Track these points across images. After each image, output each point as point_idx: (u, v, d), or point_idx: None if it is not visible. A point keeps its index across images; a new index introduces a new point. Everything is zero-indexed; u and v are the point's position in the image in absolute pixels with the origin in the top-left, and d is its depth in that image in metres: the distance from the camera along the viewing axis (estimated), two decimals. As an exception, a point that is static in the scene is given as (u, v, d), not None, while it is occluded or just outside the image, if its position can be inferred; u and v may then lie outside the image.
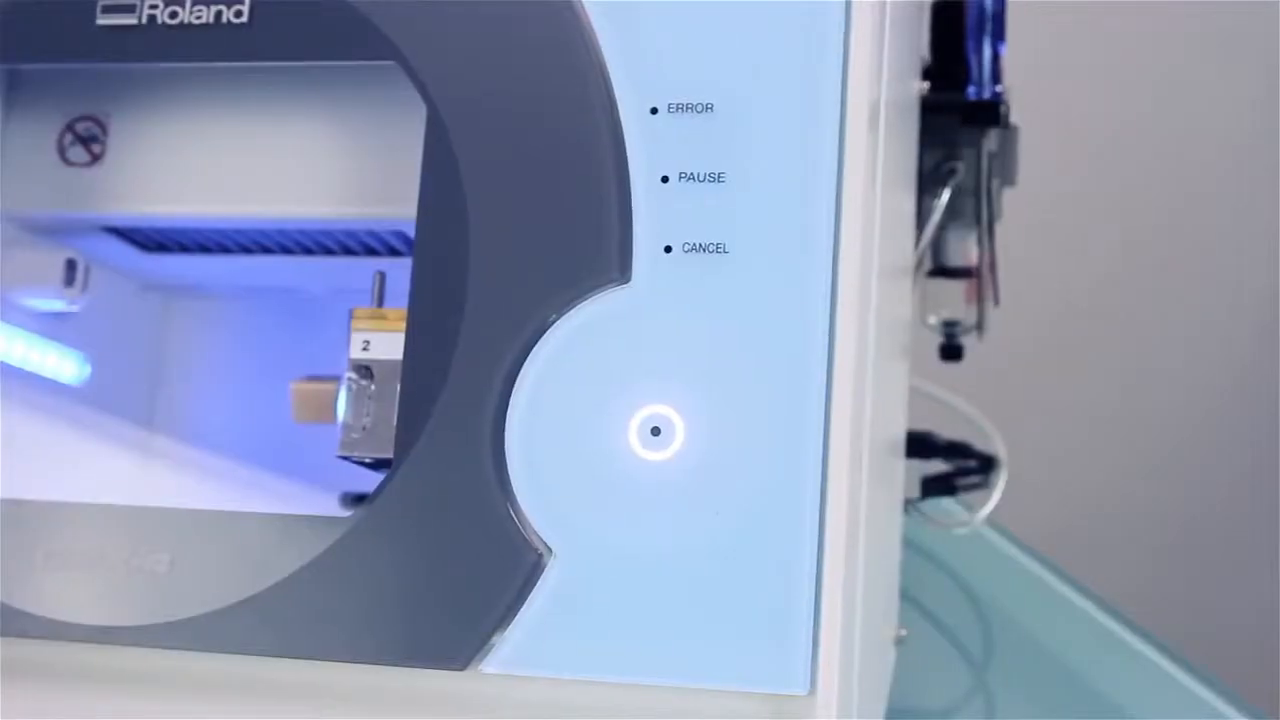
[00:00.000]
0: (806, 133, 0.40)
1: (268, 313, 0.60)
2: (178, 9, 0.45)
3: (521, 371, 0.41)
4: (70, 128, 0.51)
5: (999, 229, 0.61)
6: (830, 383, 0.39)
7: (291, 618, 0.41)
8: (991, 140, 0.60)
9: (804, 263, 0.40)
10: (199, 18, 0.45)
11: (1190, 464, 0.99)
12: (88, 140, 0.51)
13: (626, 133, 0.41)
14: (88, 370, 0.56)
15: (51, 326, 0.54)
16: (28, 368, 0.53)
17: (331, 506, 0.54)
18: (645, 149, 0.41)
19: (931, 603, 0.68)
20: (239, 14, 0.45)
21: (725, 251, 0.40)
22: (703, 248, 0.40)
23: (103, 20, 0.46)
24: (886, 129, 0.45)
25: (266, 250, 0.54)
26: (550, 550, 0.40)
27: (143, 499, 0.45)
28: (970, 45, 0.58)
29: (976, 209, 0.60)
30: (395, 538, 0.41)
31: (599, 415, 0.40)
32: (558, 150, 0.42)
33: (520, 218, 0.41)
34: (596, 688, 0.39)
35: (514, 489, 0.40)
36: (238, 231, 0.53)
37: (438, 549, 0.40)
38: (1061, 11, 0.92)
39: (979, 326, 0.62)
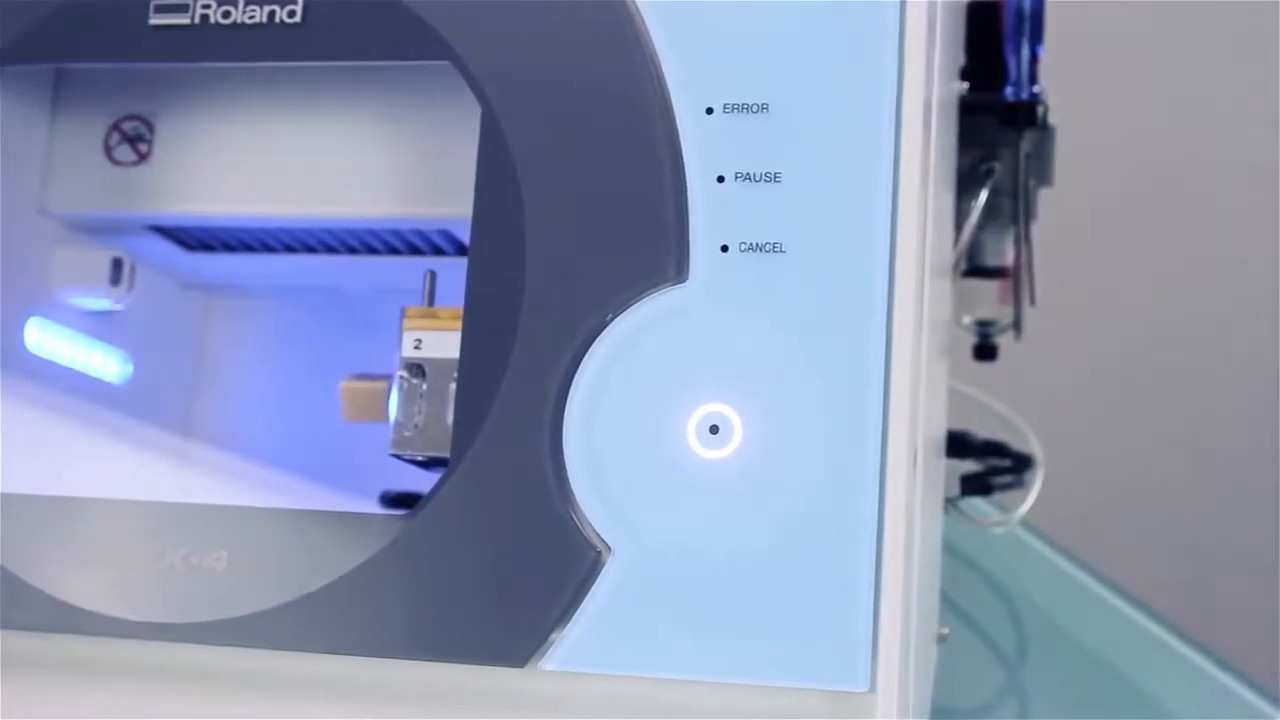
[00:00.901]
0: (863, 132, 0.41)
1: (306, 312, 0.60)
2: (230, 9, 0.45)
3: (579, 370, 0.41)
4: (117, 127, 0.51)
5: (1034, 229, 0.62)
6: (888, 381, 0.39)
7: (351, 615, 0.41)
8: (1028, 141, 0.60)
9: (861, 262, 0.40)
10: (252, 17, 0.45)
11: (1227, 464, 0.99)
12: (134, 139, 0.51)
13: (681, 133, 0.42)
14: (130, 369, 0.56)
15: (94, 325, 0.54)
16: (74, 366, 0.53)
17: (371, 505, 0.54)
18: (700, 149, 0.41)
19: (964, 601, 0.69)
20: (292, 14, 0.45)
21: (782, 251, 0.40)
22: (759, 247, 0.41)
23: (155, 20, 0.46)
24: (934, 129, 0.46)
25: (310, 249, 0.54)
26: (609, 548, 0.40)
27: (187, 497, 0.45)
28: (1009, 46, 0.59)
29: (1014, 209, 0.60)
30: (454, 535, 0.41)
31: (657, 413, 0.40)
32: (613, 150, 0.42)
33: (576, 217, 0.42)
34: (656, 685, 0.40)
35: (572, 487, 0.40)
36: (283, 230, 0.53)
37: (496, 547, 0.40)
38: (1099, 11, 0.92)
39: (1016, 326, 0.62)
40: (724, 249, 0.41)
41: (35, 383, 0.51)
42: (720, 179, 0.41)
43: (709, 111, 0.42)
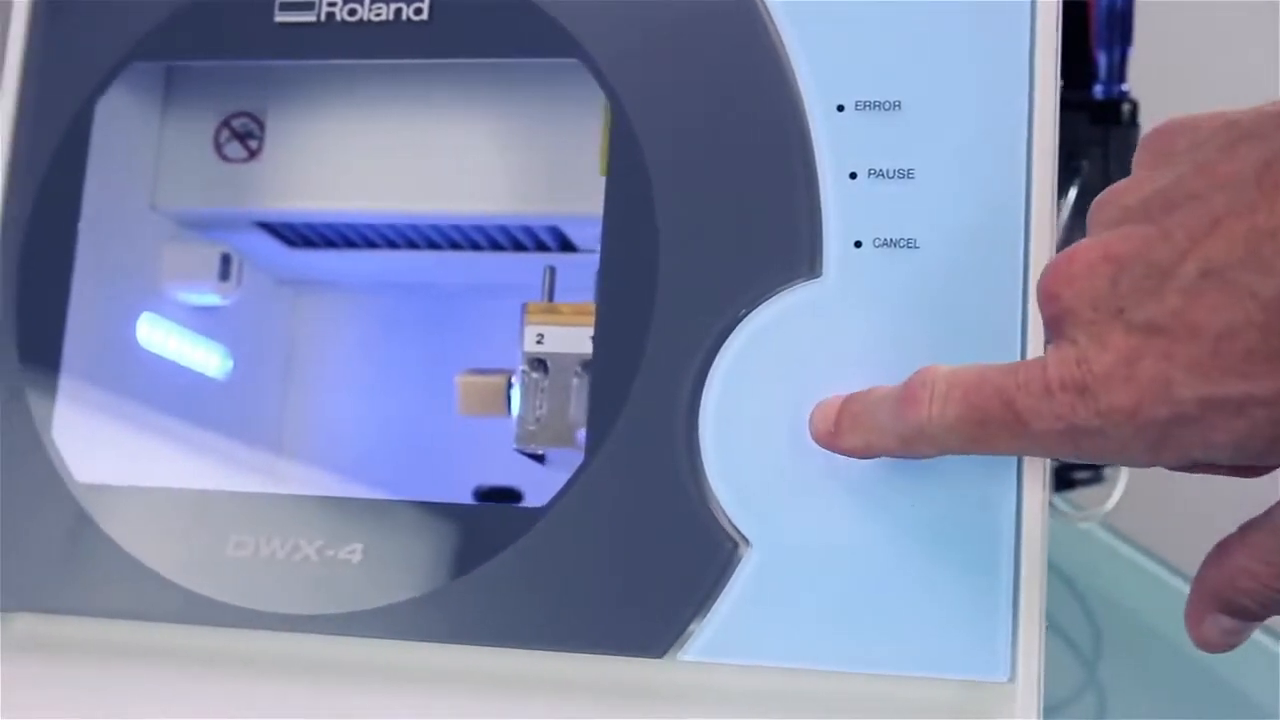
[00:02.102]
0: (996, 129, 0.41)
1: (395, 307, 0.60)
2: (357, 6, 0.46)
3: (713, 365, 0.41)
4: (227, 124, 0.52)
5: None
6: (1024, 375, 0.40)
7: (488, 606, 0.41)
8: (1114, 138, 0.60)
9: (997, 257, 0.40)
10: (378, 15, 0.45)
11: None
12: (244, 136, 0.52)
13: (813, 130, 0.42)
14: (230, 364, 0.56)
15: (195, 320, 0.55)
16: (180, 361, 0.53)
17: (464, 500, 0.55)
18: (832, 146, 0.42)
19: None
20: (419, 11, 0.45)
21: (916, 246, 0.41)
22: (893, 243, 0.41)
23: (281, 17, 0.46)
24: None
25: (413, 245, 0.55)
26: (746, 541, 0.40)
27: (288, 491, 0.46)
28: (1098, 45, 0.59)
29: (1101, 206, 0.60)
30: (590, 528, 0.41)
31: (793, 407, 0.41)
32: (744, 147, 0.42)
33: (708, 214, 0.42)
34: (794, 676, 0.40)
35: (709, 480, 0.41)
36: (389, 227, 0.53)
37: (633, 540, 0.41)
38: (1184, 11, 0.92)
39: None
40: (857, 245, 0.41)
41: (146, 377, 0.51)
42: (853, 175, 0.42)
43: (840, 109, 0.42)
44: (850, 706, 0.40)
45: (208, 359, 0.55)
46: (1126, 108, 0.61)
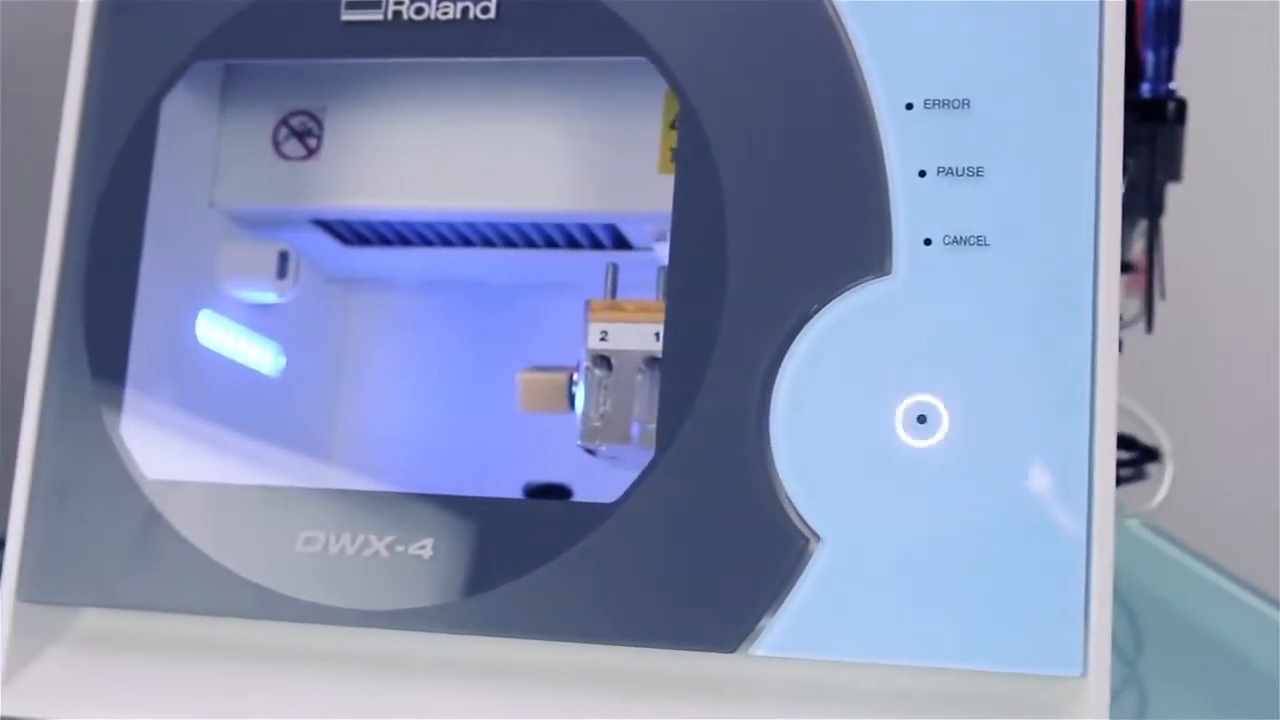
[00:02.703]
0: (1065, 127, 0.41)
1: (444, 304, 0.60)
2: (424, 5, 0.46)
3: (783, 361, 0.42)
4: (285, 122, 0.52)
5: (1162, 224, 0.62)
6: (1094, 371, 0.40)
7: (559, 600, 0.41)
8: (1160, 136, 0.61)
9: (1066, 255, 0.41)
10: (445, 14, 0.46)
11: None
12: (303, 134, 0.52)
13: (880, 128, 0.42)
14: (283, 361, 0.57)
15: (248, 317, 0.55)
16: (236, 358, 0.54)
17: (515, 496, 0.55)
18: (901, 144, 0.42)
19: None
20: (485, 10, 0.45)
21: (987, 244, 0.41)
22: (963, 240, 0.41)
23: (347, 16, 0.46)
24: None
25: (467, 243, 0.55)
26: (817, 536, 0.41)
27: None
28: (1146, 44, 0.59)
29: (1147, 204, 0.61)
30: (660, 523, 0.41)
31: (864, 403, 0.41)
32: (812, 145, 0.43)
33: (777, 212, 0.42)
34: (864, 670, 0.40)
35: (779, 476, 0.41)
36: (446, 224, 0.54)
37: (704, 535, 0.41)
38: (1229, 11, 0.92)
39: (1148, 320, 0.63)
40: (927, 242, 0.42)
41: (206, 374, 0.51)
42: (921, 173, 0.42)
43: (908, 107, 0.42)
44: (921, 701, 0.40)
45: (262, 356, 0.55)
46: (1173, 106, 0.61)
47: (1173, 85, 0.61)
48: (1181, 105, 0.61)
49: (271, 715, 0.43)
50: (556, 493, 0.56)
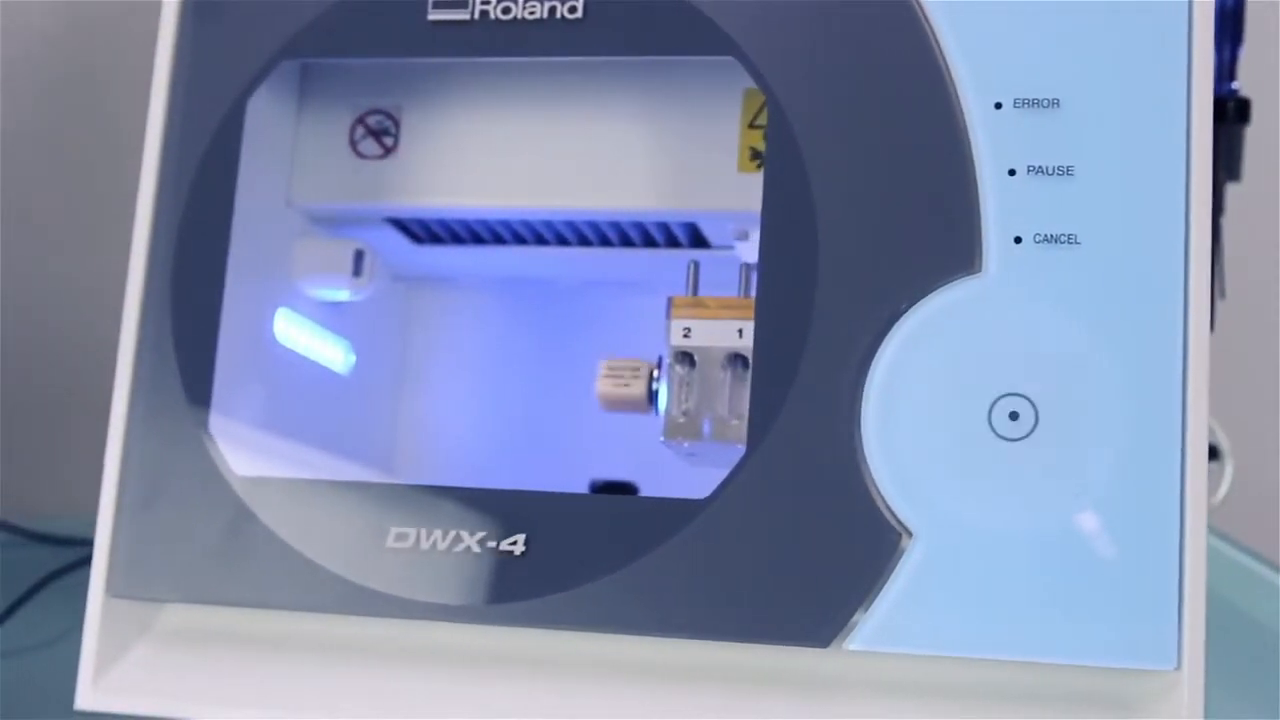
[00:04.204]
0: (1155, 127, 0.42)
1: (512, 302, 0.61)
2: (510, 4, 0.46)
3: (875, 358, 0.42)
4: (361, 121, 0.52)
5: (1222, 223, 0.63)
6: (1186, 368, 0.40)
7: (654, 595, 0.42)
8: (1225, 136, 0.61)
9: (1157, 253, 0.41)
10: (532, 13, 0.46)
11: None
12: (379, 133, 0.52)
13: (970, 127, 0.43)
14: (354, 358, 0.57)
15: (319, 315, 0.55)
16: (310, 356, 0.54)
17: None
18: (990, 143, 0.42)
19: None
20: (573, 9, 0.46)
21: (1077, 243, 0.41)
22: (1054, 239, 0.42)
23: (434, 15, 0.47)
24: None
25: (541, 241, 0.55)
26: (910, 532, 0.41)
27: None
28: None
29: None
30: (752, 519, 0.42)
31: (955, 400, 0.41)
32: (901, 144, 0.43)
33: (867, 210, 0.43)
34: (960, 665, 0.41)
35: (871, 472, 0.41)
36: (521, 223, 0.54)
37: (797, 530, 0.41)
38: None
39: (1210, 319, 0.63)
40: (1017, 240, 0.42)
41: (283, 371, 0.52)
42: (1011, 172, 0.42)
43: (998, 106, 0.43)
44: (1015, 695, 0.41)
45: (334, 354, 0.56)
46: (1234, 106, 0.61)
47: (1236, 85, 0.61)
48: (1243, 105, 0.61)
49: (360, 711, 0.44)
50: (622, 490, 0.56)
